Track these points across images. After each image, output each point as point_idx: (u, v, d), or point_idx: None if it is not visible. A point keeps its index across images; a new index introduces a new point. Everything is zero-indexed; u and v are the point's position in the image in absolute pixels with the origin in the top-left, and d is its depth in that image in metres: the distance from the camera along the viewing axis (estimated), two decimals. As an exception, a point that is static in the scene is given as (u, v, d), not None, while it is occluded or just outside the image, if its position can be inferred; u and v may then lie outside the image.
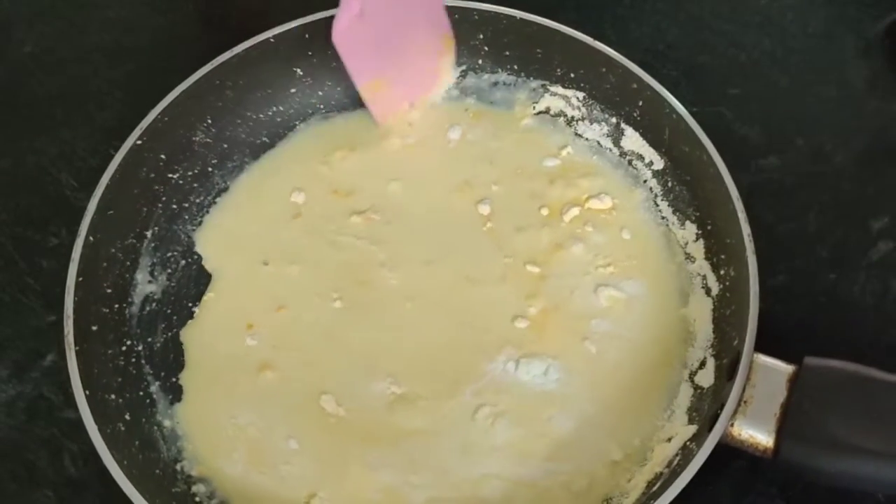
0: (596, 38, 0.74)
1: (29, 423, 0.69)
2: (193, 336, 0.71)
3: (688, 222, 0.73)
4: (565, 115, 0.80)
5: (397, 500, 0.64)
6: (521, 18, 0.76)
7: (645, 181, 0.76)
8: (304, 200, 0.76)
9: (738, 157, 0.71)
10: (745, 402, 0.59)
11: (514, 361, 0.68)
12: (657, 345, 0.69)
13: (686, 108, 0.71)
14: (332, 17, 0.73)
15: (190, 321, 0.71)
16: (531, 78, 0.80)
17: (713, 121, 0.76)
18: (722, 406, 0.59)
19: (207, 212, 0.76)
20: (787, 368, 0.60)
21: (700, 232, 0.72)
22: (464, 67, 0.81)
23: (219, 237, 0.75)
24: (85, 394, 0.60)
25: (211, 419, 0.67)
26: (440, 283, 0.72)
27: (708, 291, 0.70)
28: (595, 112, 0.78)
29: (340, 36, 0.71)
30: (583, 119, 0.79)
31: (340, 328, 0.70)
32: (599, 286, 0.71)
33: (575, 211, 0.75)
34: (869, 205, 0.79)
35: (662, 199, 0.75)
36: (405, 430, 0.66)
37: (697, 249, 0.72)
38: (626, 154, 0.77)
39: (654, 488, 0.60)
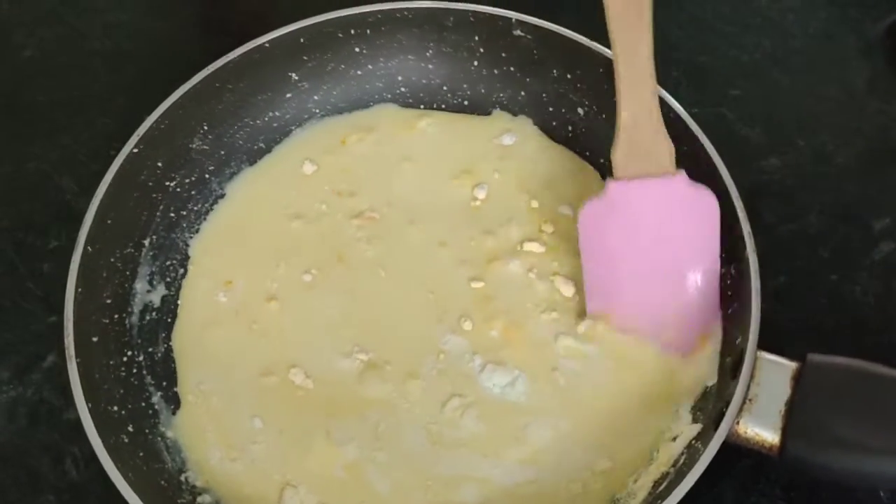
0: (597, 39, 0.74)
1: (30, 427, 0.69)
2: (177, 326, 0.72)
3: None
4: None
5: (361, 480, 0.65)
6: (516, 20, 0.77)
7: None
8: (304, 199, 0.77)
9: (740, 157, 0.71)
10: (749, 399, 0.60)
11: (481, 362, 0.68)
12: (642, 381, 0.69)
13: (687, 108, 0.71)
14: (329, 20, 0.76)
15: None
16: (527, 79, 0.80)
17: (714, 121, 0.76)
18: (727, 404, 0.59)
19: (205, 219, 0.76)
20: (790, 365, 0.60)
21: None
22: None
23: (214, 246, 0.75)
24: (87, 406, 0.60)
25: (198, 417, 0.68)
26: (414, 246, 0.74)
27: None
28: (591, 113, 0.79)
29: (585, 217, 0.67)
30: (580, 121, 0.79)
31: (310, 300, 0.72)
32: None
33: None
34: (870, 205, 0.79)
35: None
36: (370, 400, 0.67)
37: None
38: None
39: (661, 488, 0.61)
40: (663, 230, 0.66)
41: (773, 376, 0.60)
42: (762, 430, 0.59)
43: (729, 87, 0.85)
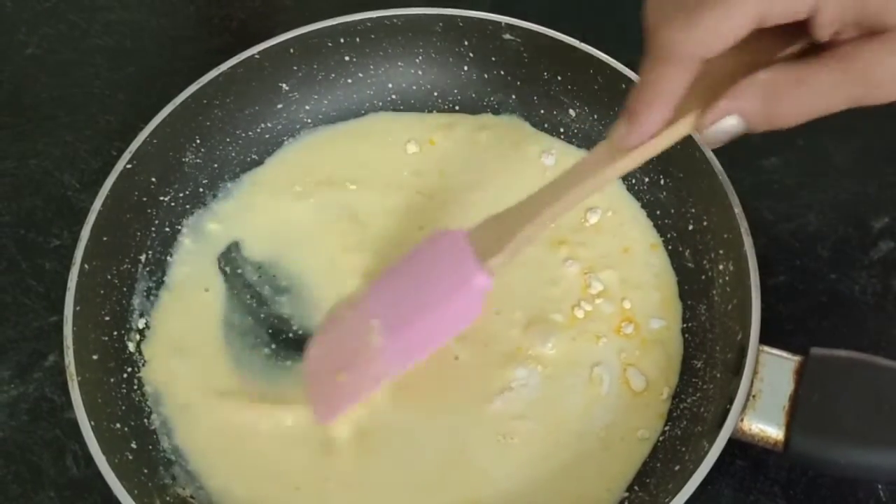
0: (597, 42, 0.75)
1: (31, 424, 0.71)
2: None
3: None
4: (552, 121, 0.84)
5: None
6: (505, 24, 0.79)
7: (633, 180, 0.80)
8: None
9: (739, 157, 0.72)
10: (753, 395, 0.62)
11: None
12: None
13: None
14: (318, 30, 0.77)
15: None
16: (518, 82, 0.83)
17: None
18: (731, 401, 0.61)
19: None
20: (793, 359, 0.63)
21: (693, 227, 0.74)
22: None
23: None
24: (91, 424, 0.62)
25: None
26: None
27: (707, 288, 0.72)
28: (582, 114, 0.81)
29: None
30: (572, 122, 0.82)
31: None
32: None
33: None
34: (869, 204, 0.82)
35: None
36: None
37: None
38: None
39: (669, 485, 0.62)
40: (429, 298, 0.64)
41: (776, 371, 0.62)
42: (767, 427, 0.61)
43: (729, 87, 0.85)
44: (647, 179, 0.78)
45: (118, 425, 0.65)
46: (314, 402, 0.68)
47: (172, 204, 0.77)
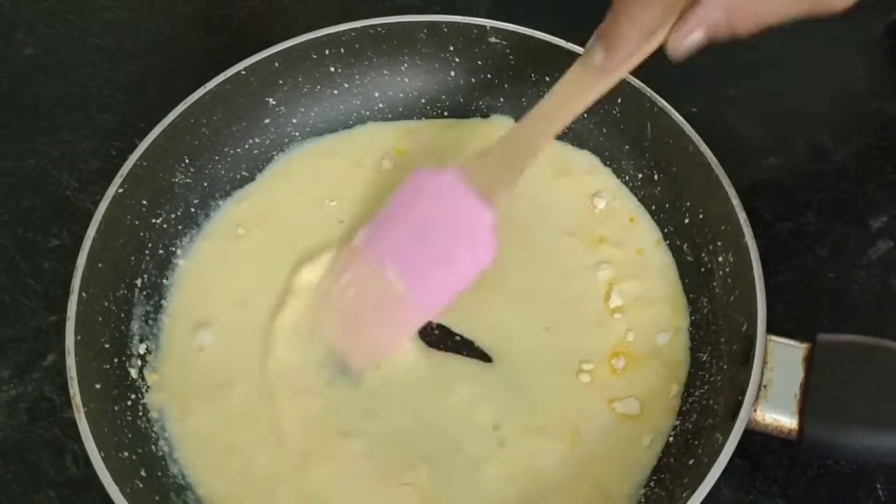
0: (584, 42, 0.74)
1: (31, 423, 0.72)
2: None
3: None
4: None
5: None
6: (490, 27, 0.79)
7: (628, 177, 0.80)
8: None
9: (739, 156, 0.75)
10: (764, 386, 0.62)
11: None
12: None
13: (687, 108, 0.74)
14: (303, 42, 0.77)
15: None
16: (505, 85, 0.83)
17: (714, 121, 0.80)
18: (742, 392, 0.62)
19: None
20: (801, 347, 0.63)
21: (690, 220, 0.75)
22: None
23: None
24: (100, 455, 0.61)
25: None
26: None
27: (707, 281, 0.72)
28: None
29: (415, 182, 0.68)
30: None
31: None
32: None
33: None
34: (868, 204, 0.83)
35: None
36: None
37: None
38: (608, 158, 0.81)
39: (685, 480, 0.62)
40: (440, 241, 0.66)
41: (785, 360, 0.62)
42: (780, 416, 0.62)
43: (728, 87, 0.87)
44: (640, 176, 0.78)
45: (126, 454, 0.65)
46: (347, 350, 0.69)
47: (165, 226, 0.77)
